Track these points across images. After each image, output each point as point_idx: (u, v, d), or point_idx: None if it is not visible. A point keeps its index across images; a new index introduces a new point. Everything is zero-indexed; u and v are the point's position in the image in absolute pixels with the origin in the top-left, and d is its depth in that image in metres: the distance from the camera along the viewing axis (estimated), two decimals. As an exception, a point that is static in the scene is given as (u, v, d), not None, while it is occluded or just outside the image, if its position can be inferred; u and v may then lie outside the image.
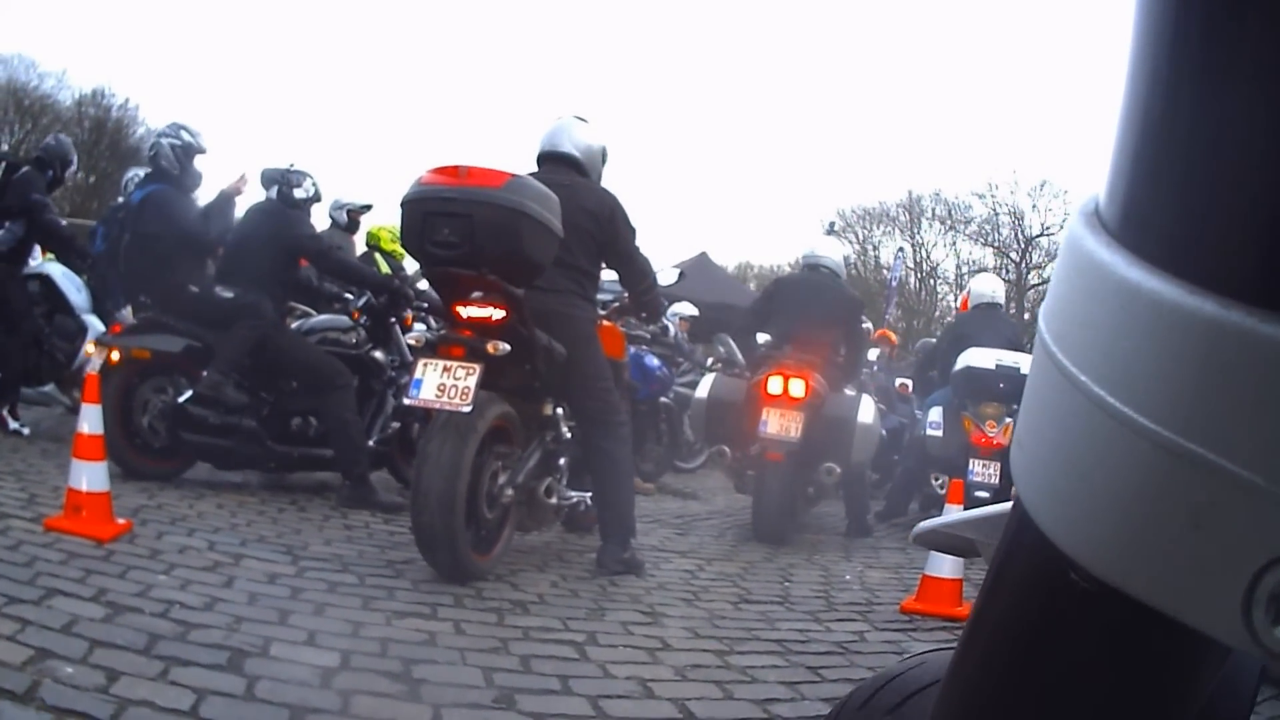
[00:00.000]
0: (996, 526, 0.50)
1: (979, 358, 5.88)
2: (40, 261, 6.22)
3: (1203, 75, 0.30)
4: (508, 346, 3.52)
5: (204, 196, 5.40)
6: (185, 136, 5.25)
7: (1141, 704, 0.38)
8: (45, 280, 6.08)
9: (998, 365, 5.79)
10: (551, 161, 4.16)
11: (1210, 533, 0.30)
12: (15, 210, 5.96)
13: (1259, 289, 0.29)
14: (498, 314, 3.57)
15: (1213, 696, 0.41)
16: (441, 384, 3.39)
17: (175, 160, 5.20)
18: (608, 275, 4.57)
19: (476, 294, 3.57)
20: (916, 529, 0.73)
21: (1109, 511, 0.32)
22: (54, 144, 6.69)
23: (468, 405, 3.36)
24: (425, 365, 3.46)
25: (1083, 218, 0.36)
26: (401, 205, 3.55)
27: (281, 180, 5.31)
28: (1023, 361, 5.84)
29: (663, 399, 7.44)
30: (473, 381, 3.39)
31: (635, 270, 4.24)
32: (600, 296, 4.67)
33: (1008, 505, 0.45)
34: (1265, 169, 0.29)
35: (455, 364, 3.44)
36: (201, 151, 5.31)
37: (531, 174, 3.91)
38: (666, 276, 5.22)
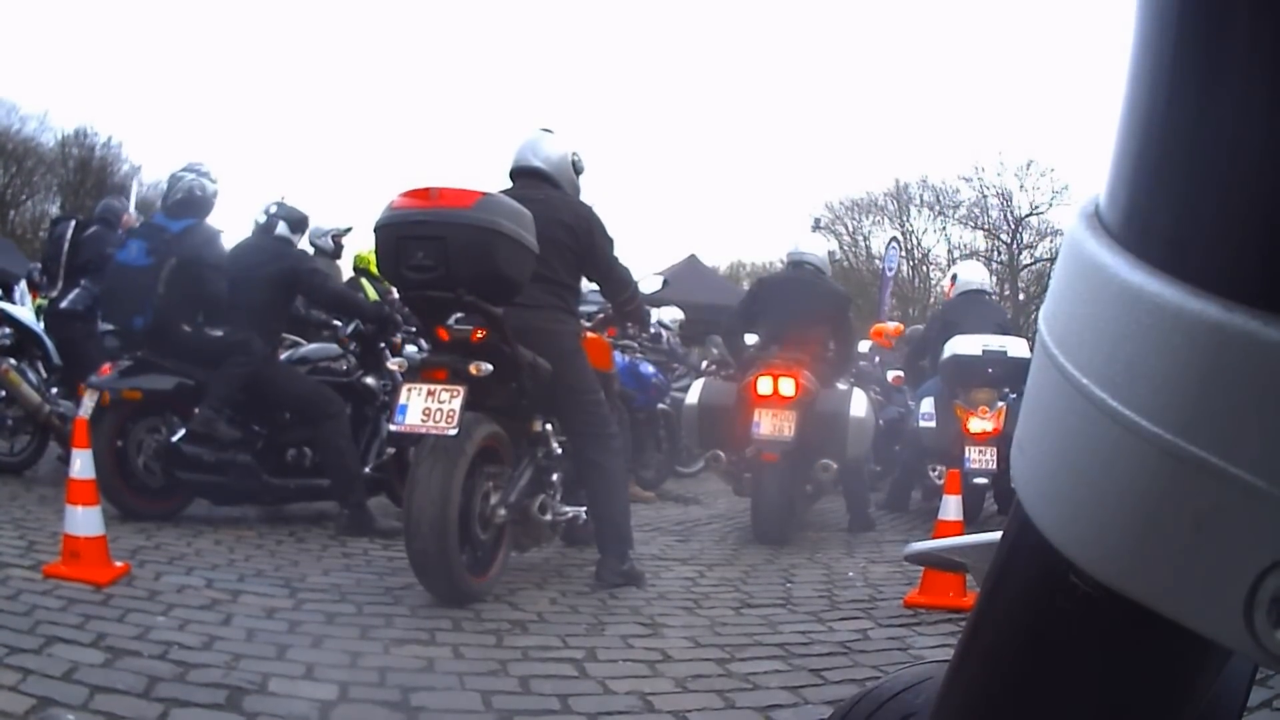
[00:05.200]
0: (985, 554, 0.50)
1: (965, 345, 5.88)
2: None
3: (1206, 73, 0.30)
4: (490, 367, 3.52)
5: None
6: (216, 182, 5.38)
7: (1142, 707, 0.38)
8: (123, 334, 6.10)
9: (984, 351, 5.79)
10: (523, 177, 4.15)
11: (1212, 536, 0.29)
12: (91, 267, 6.04)
13: (1263, 291, 0.29)
14: (479, 334, 3.57)
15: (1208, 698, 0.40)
16: (426, 408, 3.39)
17: (208, 201, 5.32)
18: (593, 286, 4.57)
19: (456, 316, 3.57)
20: (908, 549, 0.73)
21: (1111, 515, 0.32)
22: (116, 204, 6.87)
23: (453, 429, 3.35)
24: (409, 390, 3.45)
25: (1083, 219, 0.35)
26: (375, 231, 3.55)
27: (282, 215, 5.33)
28: (1009, 345, 5.84)
29: (660, 405, 7.44)
30: (457, 404, 3.38)
31: (615, 281, 4.24)
32: (585, 308, 4.67)
33: (996, 535, 0.45)
34: (1269, 169, 0.29)
35: (439, 387, 3.44)
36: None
37: (504, 190, 3.91)
38: (650, 285, 5.23)
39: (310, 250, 7.03)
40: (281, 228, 5.33)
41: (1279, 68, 0.28)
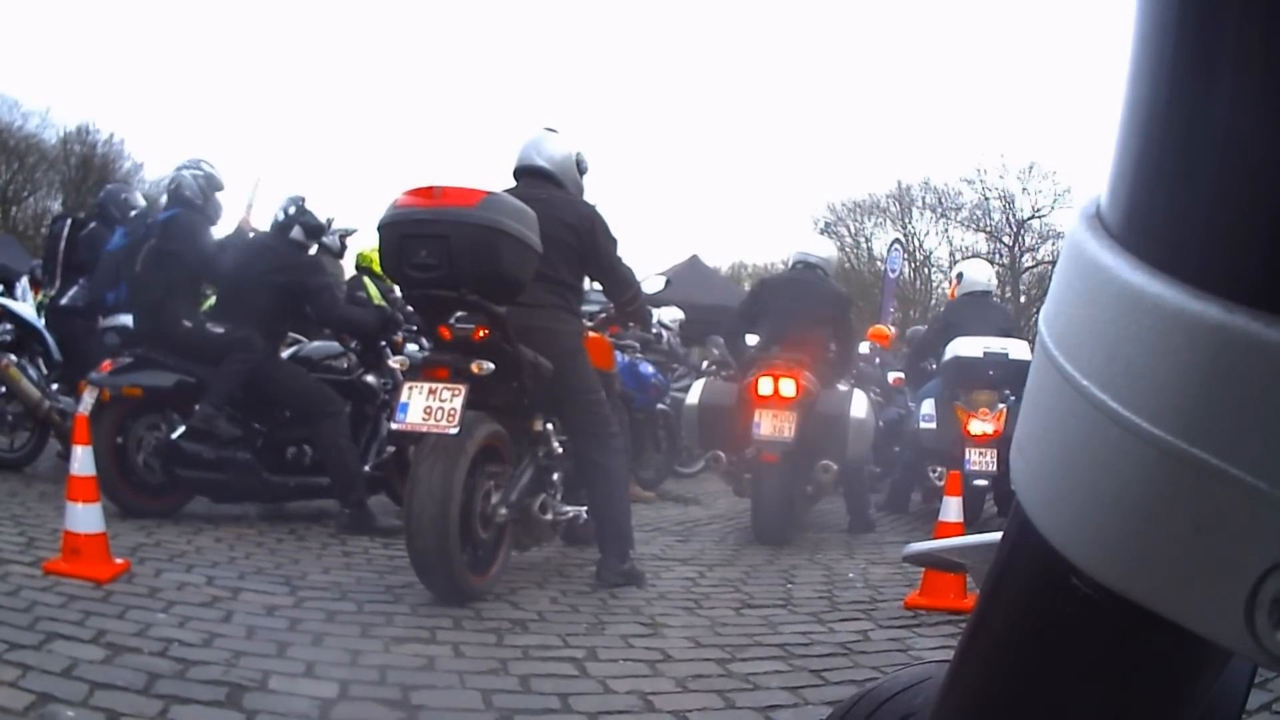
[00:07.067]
0: (985, 555, 0.49)
1: (966, 347, 5.87)
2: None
3: (1205, 74, 0.30)
4: (492, 365, 3.52)
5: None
6: (206, 168, 5.34)
7: (1142, 709, 0.38)
8: (124, 331, 6.10)
9: (985, 353, 5.79)
10: (527, 176, 4.15)
11: (1213, 537, 0.29)
12: (88, 267, 6.06)
13: (1264, 292, 0.28)
14: (481, 333, 3.57)
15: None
16: (428, 407, 3.39)
17: (199, 191, 5.28)
18: (596, 286, 4.57)
19: (458, 314, 3.58)
20: (907, 550, 0.73)
21: (1111, 516, 0.32)
22: (112, 189, 6.97)
23: (455, 427, 3.35)
24: (411, 389, 3.46)
25: (1084, 220, 0.35)
26: (378, 229, 3.55)
27: (299, 219, 5.32)
28: (1010, 347, 5.83)
29: (660, 405, 7.44)
30: (459, 403, 3.38)
31: (618, 281, 4.24)
32: (587, 308, 4.67)
33: (996, 535, 0.44)
34: (1270, 170, 0.29)
35: (441, 386, 3.44)
36: (220, 188, 5.40)
37: (508, 189, 3.91)
38: (652, 285, 5.23)
39: (315, 247, 7.03)
40: (297, 231, 5.31)
41: (1278, 68, 0.28)
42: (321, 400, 5.01)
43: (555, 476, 4.06)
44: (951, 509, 4.27)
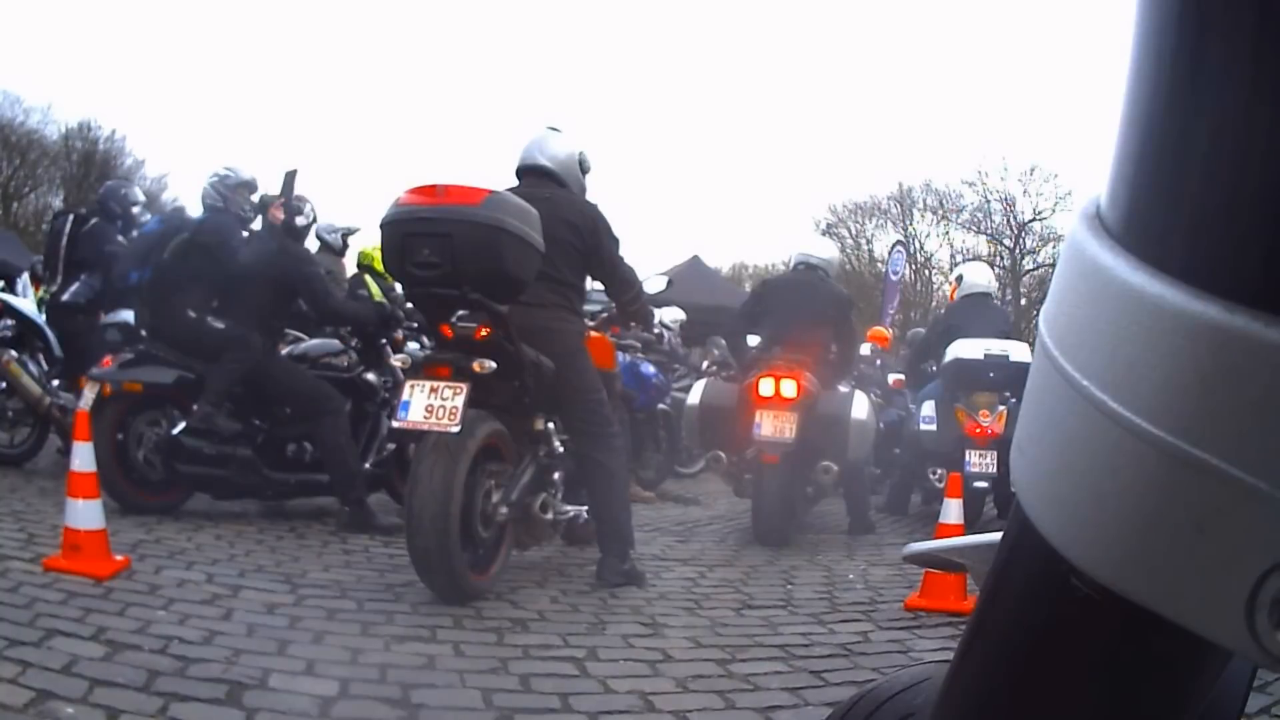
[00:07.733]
0: (985, 555, 0.49)
1: (967, 349, 5.88)
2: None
3: (1206, 74, 0.30)
4: (494, 364, 3.52)
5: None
6: (222, 171, 5.40)
7: (1142, 709, 0.38)
8: (125, 327, 6.09)
9: (986, 355, 5.79)
10: (530, 175, 4.15)
11: (1214, 538, 0.29)
12: (90, 263, 6.06)
13: (1264, 292, 0.29)
14: (483, 332, 3.57)
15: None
16: (429, 405, 3.39)
17: (217, 195, 5.33)
18: (597, 285, 4.57)
19: (460, 313, 3.58)
20: (907, 550, 0.73)
21: (1111, 516, 0.32)
22: (113, 185, 6.96)
23: (456, 426, 3.35)
24: (413, 387, 3.46)
25: (1084, 220, 0.35)
26: (381, 227, 3.55)
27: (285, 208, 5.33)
28: (1011, 349, 5.84)
29: (660, 406, 7.44)
30: (460, 401, 3.38)
31: (619, 281, 4.24)
32: (589, 307, 4.67)
33: (996, 535, 0.45)
34: (1270, 169, 0.29)
35: (442, 384, 3.44)
36: (244, 184, 5.45)
37: (511, 188, 3.92)
38: (654, 285, 5.22)
39: (316, 244, 7.03)
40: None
41: (1278, 68, 0.28)
42: (321, 398, 5.01)
43: (556, 476, 4.05)
44: (952, 511, 4.27)
